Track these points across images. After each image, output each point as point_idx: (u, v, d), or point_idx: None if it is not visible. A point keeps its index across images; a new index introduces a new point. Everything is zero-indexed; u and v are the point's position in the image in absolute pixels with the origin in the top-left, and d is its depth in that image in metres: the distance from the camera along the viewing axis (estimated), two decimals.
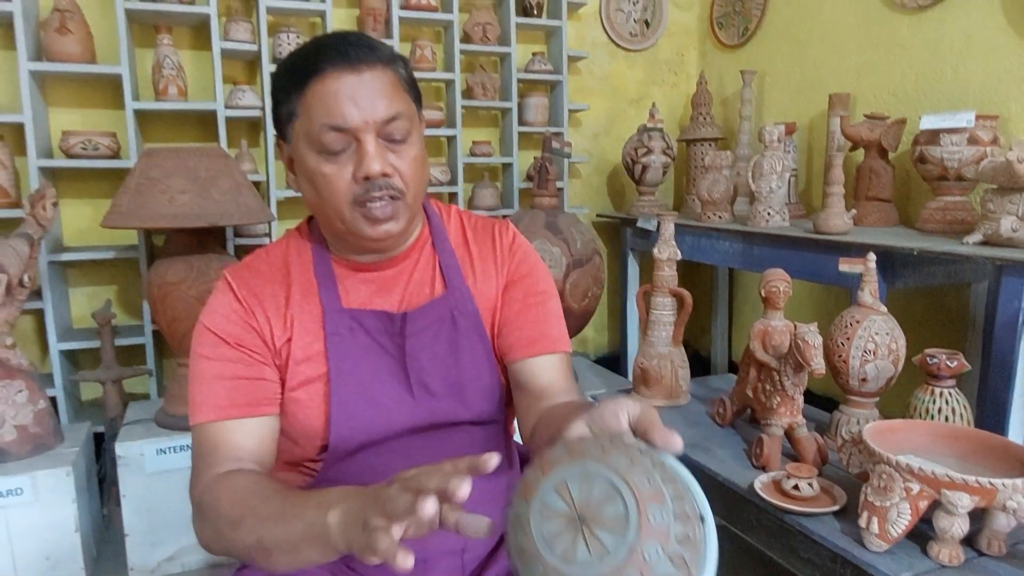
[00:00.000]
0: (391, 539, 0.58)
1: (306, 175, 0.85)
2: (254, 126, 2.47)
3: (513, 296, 0.96)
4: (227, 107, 2.25)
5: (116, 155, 2.17)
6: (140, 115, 2.23)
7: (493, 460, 0.63)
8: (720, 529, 0.58)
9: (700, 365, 2.99)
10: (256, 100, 2.31)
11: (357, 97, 0.80)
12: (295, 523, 0.69)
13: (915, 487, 1.04)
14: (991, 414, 1.34)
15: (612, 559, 0.49)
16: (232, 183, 1.79)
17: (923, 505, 1.04)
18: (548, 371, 0.94)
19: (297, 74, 0.82)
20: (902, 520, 1.05)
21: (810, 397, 1.48)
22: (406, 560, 0.58)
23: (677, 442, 0.60)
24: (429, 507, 0.57)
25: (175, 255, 1.82)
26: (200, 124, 2.38)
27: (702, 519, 0.54)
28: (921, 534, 1.11)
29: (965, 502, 1.00)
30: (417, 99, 0.89)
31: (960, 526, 1.03)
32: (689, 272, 2.93)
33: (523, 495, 0.55)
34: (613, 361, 2.96)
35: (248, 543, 0.73)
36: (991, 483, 0.98)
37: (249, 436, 0.85)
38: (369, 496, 0.64)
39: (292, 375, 0.87)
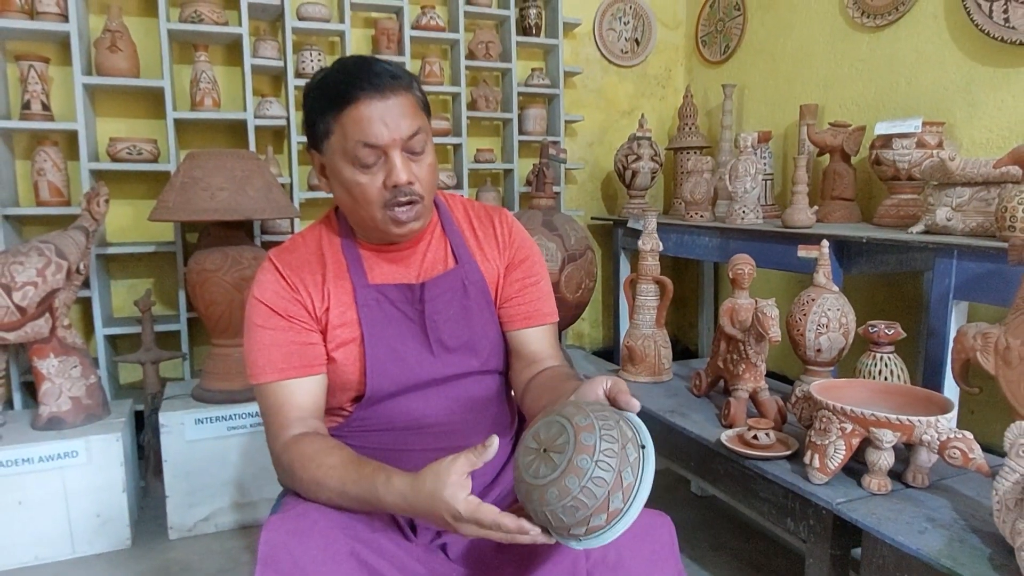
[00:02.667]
0: None
1: (341, 182, 1.03)
2: (279, 134, 2.70)
3: (513, 278, 1.16)
4: (256, 117, 2.49)
5: (156, 159, 2.40)
6: (178, 124, 2.46)
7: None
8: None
9: (688, 358, 3.19)
10: (281, 111, 2.54)
11: (386, 119, 0.97)
12: (360, 494, 0.92)
13: (848, 426, 1.25)
14: (930, 376, 1.55)
15: (558, 469, 0.75)
16: (264, 182, 2.01)
17: (855, 442, 1.25)
18: (539, 339, 1.16)
19: (333, 99, 0.99)
20: (838, 455, 1.26)
21: (777, 376, 1.68)
22: None
23: (635, 403, 0.85)
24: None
25: (212, 246, 2.04)
26: (231, 132, 2.61)
27: (639, 445, 0.80)
28: (855, 471, 1.32)
29: (889, 437, 1.21)
30: (428, 114, 1.08)
31: (887, 459, 1.24)
32: (677, 272, 3.14)
33: (521, 442, 0.81)
34: (607, 354, 3.17)
35: (330, 500, 0.95)
36: (909, 420, 1.19)
37: (307, 394, 1.05)
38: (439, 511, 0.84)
39: (330, 339, 1.07)
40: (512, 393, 1.21)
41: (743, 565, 1.86)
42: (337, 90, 0.99)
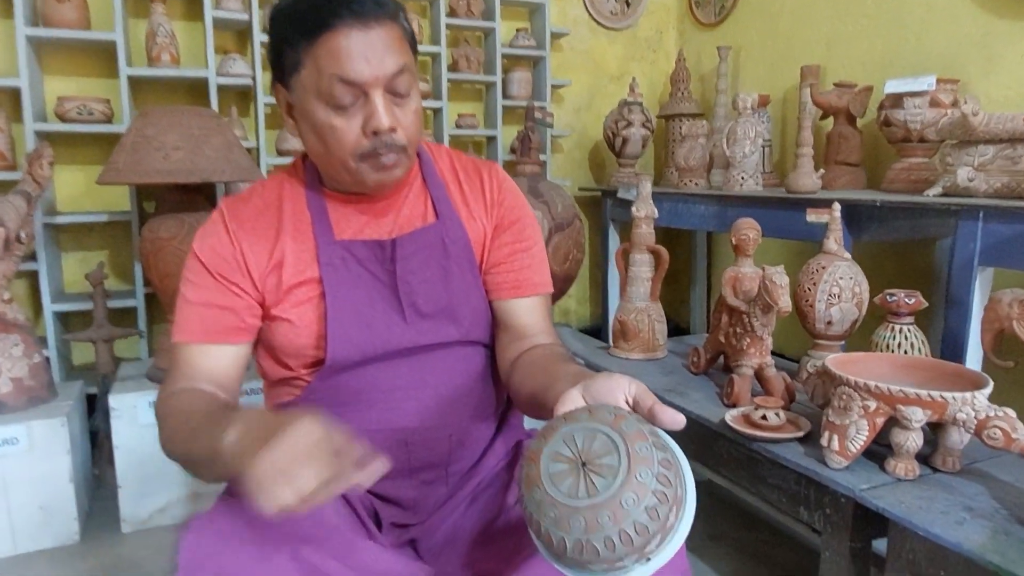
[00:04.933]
0: (298, 496, 0.63)
1: (312, 126, 0.87)
2: (244, 95, 2.51)
3: (503, 241, 1.01)
4: (218, 75, 2.30)
5: (109, 120, 2.21)
6: (133, 82, 2.26)
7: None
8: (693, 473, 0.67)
9: (679, 335, 3.06)
10: (246, 69, 2.35)
11: (367, 53, 0.82)
12: (201, 440, 0.75)
13: (872, 404, 1.11)
14: (950, 350, 1.42)
15: (597, 498, 0.59)
16: (224, 141, 1.83)
17: (880, 421, 1.12)
18: (530, 312, 1.01)
19: (305, 25, 0.83)
20: (860, 436, 1.13)
21: (773, 354, 1.55)
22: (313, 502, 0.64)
23: (680, 419, 0.68)
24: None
25: (167, 212, 1.87)
26: (191, 92, 2.42)
27: (684, 488, 0.64)
28: (878, 454, 1.18)
29: (919, 416, 1.08)
30: (416, 51, 0.92)
31: (915, 440, 1.11)
32: (667, 245, 2.99)
33: (541, 437, 0.64)
34: (595, 332, 3.03)
35: (180, 456, 0.81)
36: (942, 396, 1.06)
37: (217, 362, 0.91)
38: (276, 427, 0.66)
39: (284, 299, 0.92)
40: (498, 369, 1.06)
41: (744, 556, 1.74)
42: (310, 14, 0.83)
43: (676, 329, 3.18)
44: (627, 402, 0.69)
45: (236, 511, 0.78)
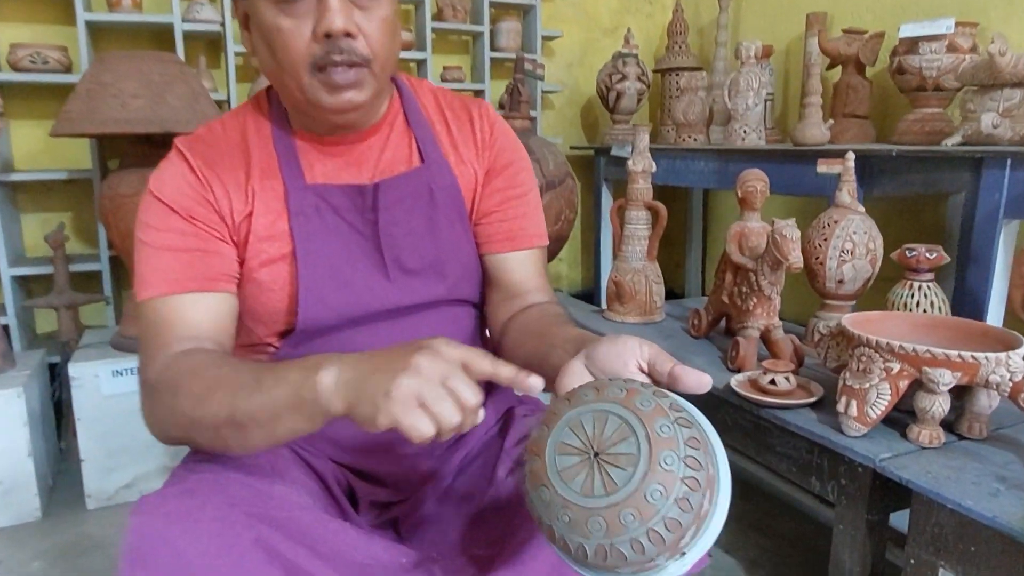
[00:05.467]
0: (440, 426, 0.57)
1: (261, 31, 0.75)
2: (213, 44, 2.35)
3: (494, 187, 0.90)
4: (184, 20, 2.13)
5: (67, 70, 2.04)
6: (92, 28, 2.10)
7: (538, 384, 0.61)
8: None
9: (674, 299, 2.96)
10: (215, 15, 2.19)
11: None
12: (276, 389, 0.63)
13: (895, 366, 1.02)
14: (968, 310, 1.33)
15: (617, 495, 0.49)
16: (188, 90, 1.69)
17: (903, 385, 1.02)
18: (524, 267, 0.90)
19: None
20: (881, 401, 1.03)
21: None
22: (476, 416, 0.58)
23: (706, 380, 0.57)
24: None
25: (129, 167, 1.73)
26: (156, 39, 2.26)
27: (716, 466, 0.53)
28: (898, 421, 1.09)
29: (947, 379, 0.98)
30: None
31: (941, 405, 1.01)
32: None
33: (543, 425, 0.54)
34: (587, 298, 2.93)
35: (219, 418, 0.66)
36: (974, 357, 0.96)
37: (206, 313, 0.78)
38: (388, 359, 0.59)
39: (253, 253, 0.80)
40: (488, 332, 0.95)
41: (743, 527, 1.65)
42: None
43: (670, 294, 3.08)
44: (640, 369, 0.58)
45: (191, 491, 0.68)
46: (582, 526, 0.49)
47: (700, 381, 0.56)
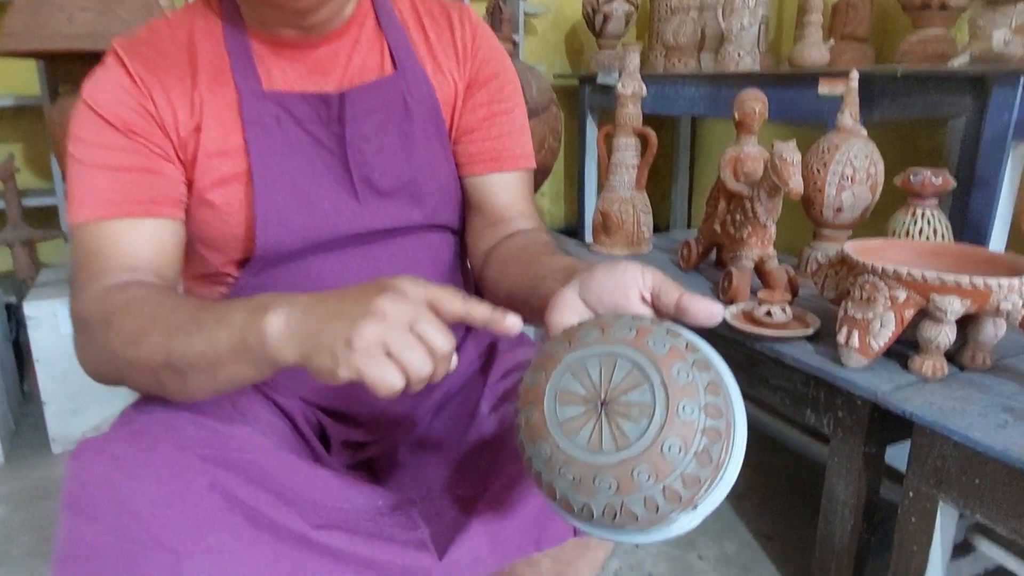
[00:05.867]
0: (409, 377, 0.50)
1: None
2: None
3: (477, 101, 0.80)
4: None
5: None
6: None
7: (516, 325, 0.53)
8: None
9: (659, 233, 2.89)
10: None
11: None
12: (218, 331, 0.55)
13: (901, 294, 0.96)
14: (969, 237, 1.28)
15: (629, 450, 0.43)
16: (142, 2, 1.55)
17: (909, 314, 0.97)
18: (508, 190, 0.81)
19: None
20: (885, 331, 0.98)
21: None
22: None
23: (718, 310, 0.50)
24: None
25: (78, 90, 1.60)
26: None
27: (733, 412, 0.47)
28: (898, 353, 1.04)
29: (955, 307, 0.93)
30: None
31: (947, 335, 0.96)
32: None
33: (539, 368, 0.48)
34: (571, 233, 2.85)
35: (154, 362, 0.58)
36: (986, 283, 0.91)
37: (146, 240, 0.69)
38: (347, 302, 0.51)
39: (203, 172, 0.71)
40: (469, 262, 0.87)
41: None
42: None
43: (655, 228, 3.02)
44: (642, 299, 0.51)
45: (139, 433, 0.61)
46: (588, 484, 0.43)
47: (712, 311, 0.49)
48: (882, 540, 1.21)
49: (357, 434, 0.82)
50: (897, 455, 1.10)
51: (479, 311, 0.53)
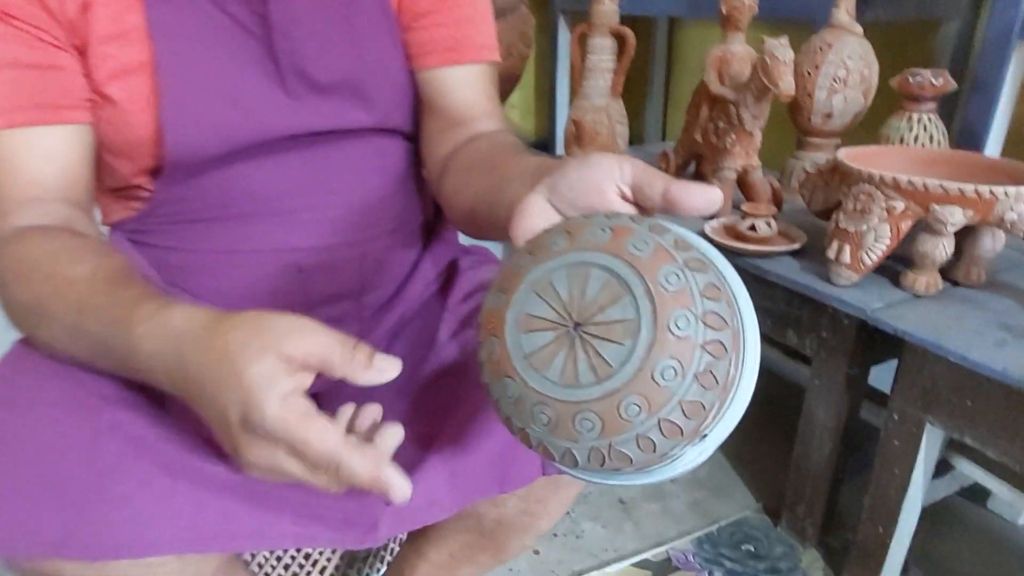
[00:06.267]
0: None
1: None
2: None
3: None
4: None
5: None
6: None
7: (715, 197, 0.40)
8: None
9: (634, 146, 2.78)
10: None
11: None
12: (107, 355, 0.48)
13: (899, 205, 0.88)
14: (962, 146, 1.20)
15: (613, 380, 0.34)
16: None
17: (906, 226, 0.90)
18: (469, 86, 0.70)
19: None
20: (879, 245, 0.91)
21: None
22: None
23: (715, 196, 0.39)
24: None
25: None
26: None
27: (740, 318, 0.38)
28: (887, 269, 0.98)
29: (957, 218, 0.86)
30: None
31: (945, 248, 0.89)
32: (620, 46, 2.62)
33: (499, 290, 0.39)
34: (541, 148, 2.72)
35: (51, 347, 0.52)
36: (992, 192, 0.83)
37: (51, 157, 0.58)
38: (211, 420, 0.44)
39: (97, 61, 0.59)
40: (425, 171, 0.77)
41: None
42: None
43: (629, 141, 2.90)
44: (623, 197, 0.42)
45: (27, 370, 0.52)
46: (567, 426, 0.35)
47: (708, 198, 0.39)
48: (857, 462, 1.18)
49: None
50: (877, 377, 1.06)
51: (363, 374, 0.44)
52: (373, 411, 0.48)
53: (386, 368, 0.43)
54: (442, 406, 0.66)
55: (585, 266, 0.36)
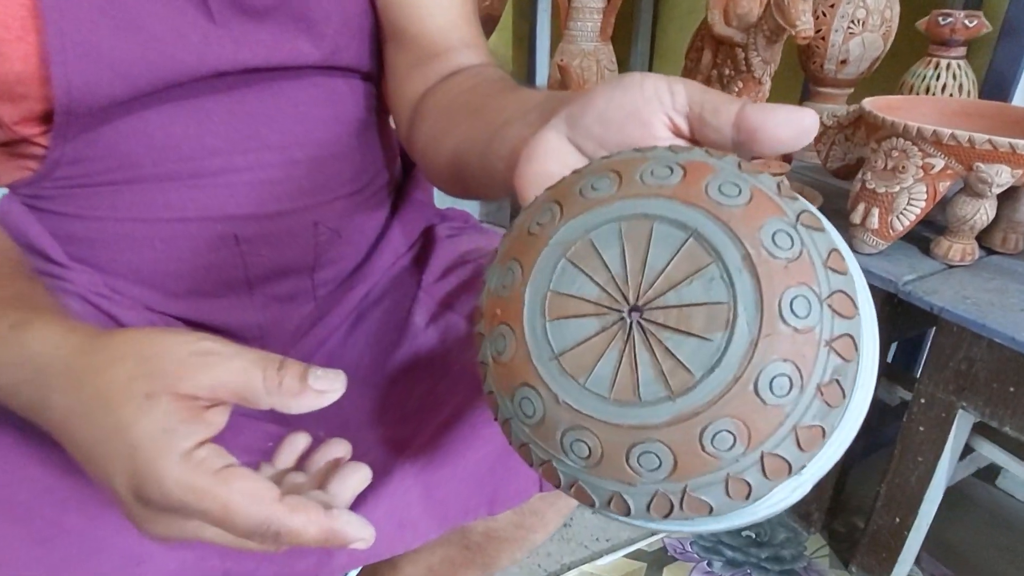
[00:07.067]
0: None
1: None
2: None
3: None
4: None
5: None
6: None
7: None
8: None
9: None
10: None
11: None
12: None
13: (938, 162, 0.77)
14: (989, 94, 1.09)
15: (696, 395, 0.22)
16: None
17: (944, 187, 0.79)
18: (443, 8, 0.55)
19: None
20: (913, 208, 0.80)
21: None
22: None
23: (810, 119, 0.27)
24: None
25: None
26: None
27: (857, 306, 0.24)
28: (914, 235, 0.87)
29: (1004, 178, 0.75)
30: None
31: (986, 212, 0.79)
32: None
33: (512, 254, 0.26)
34: None
35: None
36: None
37: None
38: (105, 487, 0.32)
39: None
40: (393, 120, 0.63)
41: None
42: None
43: None
44: (675, 131, 0.29)
45: None
46: (619, 463, 0.23)
47: (801, 124, 0.26)
48: (867, 443, 1.10)
49: None
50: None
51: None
52: (337, 450, 0.36)
53: (326, 389, 0.31)
54: (417, 406, 0.55)
55: (645, 220, 0.24)
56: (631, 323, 0.23)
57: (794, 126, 0.26)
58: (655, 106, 0.28)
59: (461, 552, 0.65)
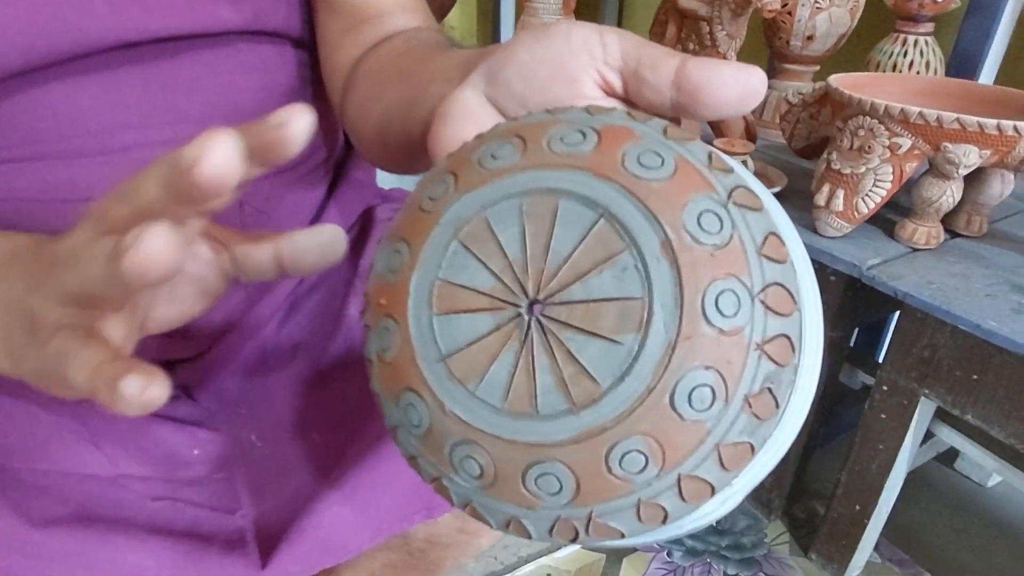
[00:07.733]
0: (95, 355, 0.25)
1: None
2: None
3: None
4: None
5: None
6: None
7: (299, 123, 0.24)
8: None
9: None
10: None
11: None
12: None
13: (904, 142, 0.75)
14: (955, 72, 1.07)
15: (602, 408, 0.19)
16: None
17: (910, 168, 0.77)
18: None
19: None
20: (879, 189, 0.78)
21: None
22: (146, 392, 0.23)
23: (755, 76, 0.23)
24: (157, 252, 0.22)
25: None
26: None
27: (799, 297, 0.20)
28: (878, 217, 0.85)
29: (972, 159, 0.72)
30: None
31: (953, 194, 0.77)
32: None
33: (401, 235, 0.22)
34: None
35: None
36: (1016, 128, 0.70)
37: None
38: (36, 264, 0.29)
39: None
40: (327, 88, 0.57)
41: None
42: None
43: None
44: (604, 88, 0.25)
45: None
46: (514, 485, 0.20)
47: (748, 83, 0.23)
48: (829, 427, 1.08)
49: (166, 347, 0.56)
50: None
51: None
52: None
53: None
54: (351, 408, 0.50)
55: (551, 195, 0.20)
56: (529, 320, 0.19)
57: (740, 85, 0.22)
58: (584, 59, 0.24)
59: (403, 558, 0.61)
